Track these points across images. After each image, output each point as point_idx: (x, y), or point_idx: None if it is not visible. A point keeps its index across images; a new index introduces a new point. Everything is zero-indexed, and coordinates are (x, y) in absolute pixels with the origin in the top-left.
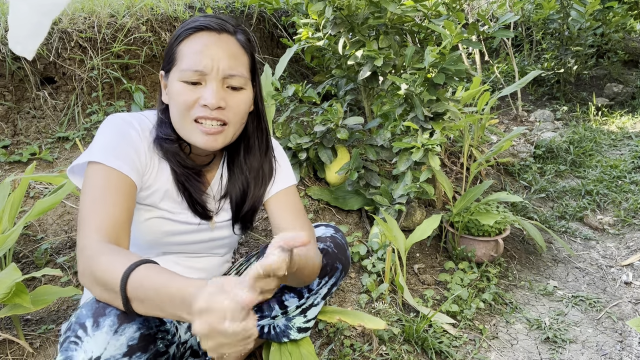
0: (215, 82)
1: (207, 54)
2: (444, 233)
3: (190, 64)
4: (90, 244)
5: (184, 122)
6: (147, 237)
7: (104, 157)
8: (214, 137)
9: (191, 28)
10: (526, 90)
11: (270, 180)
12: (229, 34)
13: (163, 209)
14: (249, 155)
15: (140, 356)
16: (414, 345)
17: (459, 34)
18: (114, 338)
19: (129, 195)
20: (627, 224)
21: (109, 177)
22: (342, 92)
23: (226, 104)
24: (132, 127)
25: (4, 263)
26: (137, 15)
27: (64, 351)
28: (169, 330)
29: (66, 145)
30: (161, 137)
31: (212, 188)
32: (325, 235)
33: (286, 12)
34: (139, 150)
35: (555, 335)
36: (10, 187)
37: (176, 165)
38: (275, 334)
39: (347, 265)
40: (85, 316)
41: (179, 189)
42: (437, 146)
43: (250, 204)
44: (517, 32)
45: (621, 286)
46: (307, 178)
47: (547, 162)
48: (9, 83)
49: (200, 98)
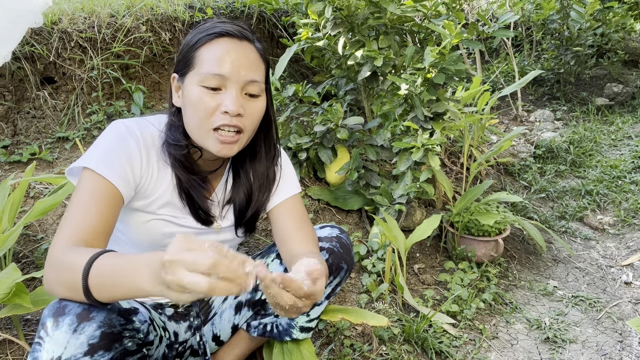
0: (235, 88)
1: (229, 59)
2: (444, 233)
3: (211, 68)
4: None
5: (201, 129)
6: (147, 238)
7: (96, 165)
8: (229, 146)
9: (212, 34)
10: (526, 90)
11: (274, 185)
12: (249, 42)
13: (163, 214)
14: (255, 161)
15: (103, 354)
16: (414, 345)
17: (459, 34)
18: (74, 337)
19: (112, 206)
20: (627, 224)
21: (96, 185)
22: (342, 92)
23: (244, 112)
24: (132, 136)
25: (4, 263)
26: (137, 15)
27: (32, 352)
28: (139, 329)
29: (66, 145)
30: (170, 143)
31: (216, 194)
32: (331, 235)
33: (286, 12)
34: (134, 162)
35: (555, 335)
36: (10, 187)
37: (182, 172)
38: (278, 333)
39: (351, 266)
40: (46, 316)
41: (182, 197)
42: (437, 146)
43: (254, 210)
44: (517, 32)
45: (621, 286)
46: (307, 178)
47: (547, 162)
48: (9, 83)
49: (221, 105)
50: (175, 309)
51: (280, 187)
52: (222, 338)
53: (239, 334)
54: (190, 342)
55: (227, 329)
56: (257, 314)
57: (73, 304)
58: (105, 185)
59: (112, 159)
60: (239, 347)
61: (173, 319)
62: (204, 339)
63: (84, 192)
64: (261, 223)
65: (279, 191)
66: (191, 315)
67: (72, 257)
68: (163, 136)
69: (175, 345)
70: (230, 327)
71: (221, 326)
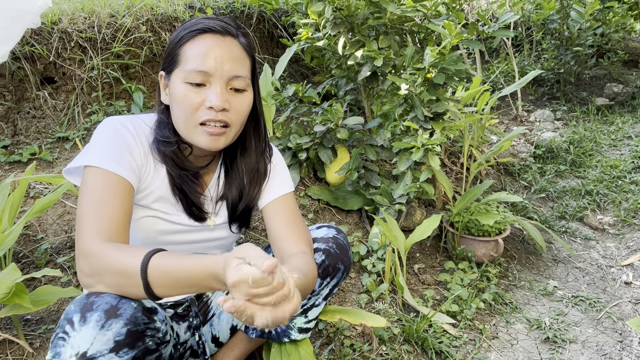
0: (219, 84)
1: (212, 55)
2: (444, 233)
3: (194, 65)
4: (95, 247)
5: (188, 125)
6: (141, 235)
7: (101, 161)
8: (216, 137)
9: (195, 30)
10: (526, 90)
11: (264, 180)
12: (232, 37)
13: (156, 210)
14: (245, 155)
15: (127, 352)
16: (414, 345)
17: (459, 34)
18: (101, 333)
19: (127, 197)
20: (627, 224)
21: (107, 180)
22: (342, 92)
23: (230, 106)
24: (127, 131)
25: (4, 263)
26: (137, 15)
27: (53, 347)
28: (159, 328)
29: (66, 145)
30: (159, 140)
31: (209, 190)
32: (327, 236)
33: (286, 12)
34: (134, 154)
35: (555, 335)
36: (10, 187)
37: (173, 168)
38: (276, 334)
39: (348, 266)
40: (73, 312)
41: (174, 192)
42: (437, 146)
43: (245, 204)
44: (517, 32)
45: (621, 286)
46: (307, 178)
47: (547, 162)
48: (9, 83)
49: (206, 100)
50: (174, 309)
51: (272, 185)
52: (221, 339)
53: (237, 335)
54: (189, 343)
55: (225, 330)
56: None
57: (101, 300)
58: (115, 179)
59: (115, 152)
60: (238, 348)
61: (173, 319)
62: (203, 338)
63: (96, 188)
64: (261, 223)
65: (270, 189)
66: (190, 316)
67: (118, 255)
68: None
69: (178, 345)
70: (229, 328)
71: (220, 327)
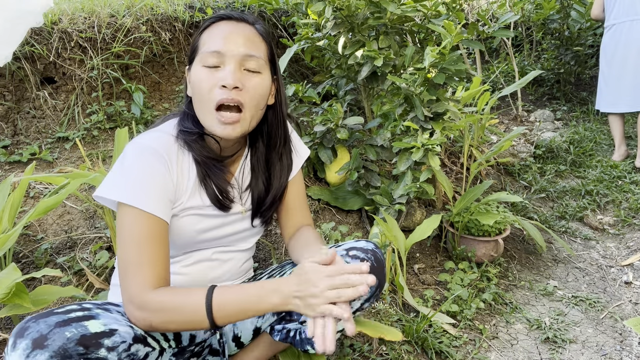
0: (232, 63)
1: (225, 36)
2: (444, 233)
3: (208, 47)
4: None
5: (205, 110)
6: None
7: (137, 200)
8: (232, 126)
9: (213, 18)
10: (526, 90)
11: (289, 172)
12: (247, 23)
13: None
14: (271, 149)
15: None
16: (414, 345)
17: (459, 34)
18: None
19: (164, 238)
20: (627, 224)
21: (144, 224)
22: (342, 92)
23: (243, 85)
24: (158, 157)
25: (4, 263)
26: (137, 15)
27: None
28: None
29: (66, 145)
30: (183, 131)
31: (236, 179)
32: (367, 247)
33: (286, 12)
34: (167, 184)
35: (555, 335)
36: (10, 187)
37: (199, 154)
38: (300, 340)
39: (383, 283)
40: (12, 334)
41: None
42: (437, 146)
43: (272, 197)
44: (517, 32)
45: (621, 286)
46: (307, 178)
47: (547, 162)
48: (9, 83)
49: (219, 80)
50: None
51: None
52: (242, 339)
53: (261, 337)
54: (209, 341)
55: (249, 330)
56: (282, 320)
57: (34, 327)
58: (152, 221)
59: (149, 189)
60: (259, 350)
61: None
62: (224, 337)
63: (135, 232)
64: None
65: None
66: None
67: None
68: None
69: (190, 347)
70: (252, 329)
71: (243, 327)
